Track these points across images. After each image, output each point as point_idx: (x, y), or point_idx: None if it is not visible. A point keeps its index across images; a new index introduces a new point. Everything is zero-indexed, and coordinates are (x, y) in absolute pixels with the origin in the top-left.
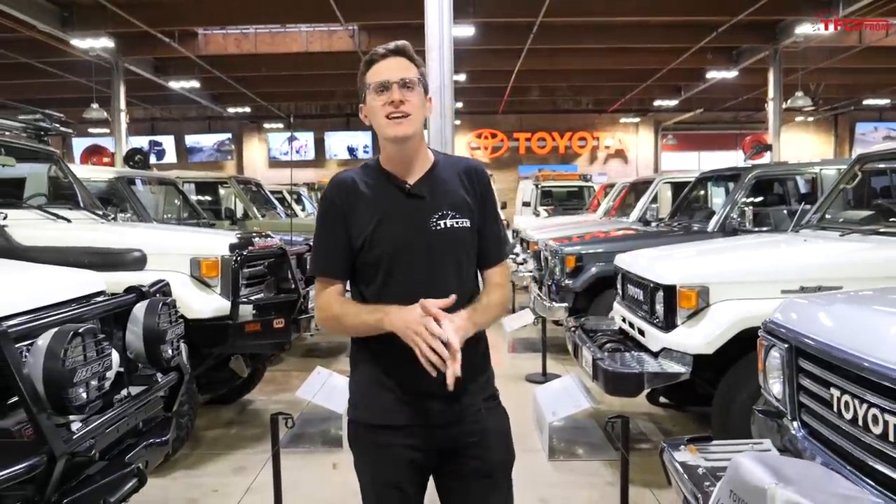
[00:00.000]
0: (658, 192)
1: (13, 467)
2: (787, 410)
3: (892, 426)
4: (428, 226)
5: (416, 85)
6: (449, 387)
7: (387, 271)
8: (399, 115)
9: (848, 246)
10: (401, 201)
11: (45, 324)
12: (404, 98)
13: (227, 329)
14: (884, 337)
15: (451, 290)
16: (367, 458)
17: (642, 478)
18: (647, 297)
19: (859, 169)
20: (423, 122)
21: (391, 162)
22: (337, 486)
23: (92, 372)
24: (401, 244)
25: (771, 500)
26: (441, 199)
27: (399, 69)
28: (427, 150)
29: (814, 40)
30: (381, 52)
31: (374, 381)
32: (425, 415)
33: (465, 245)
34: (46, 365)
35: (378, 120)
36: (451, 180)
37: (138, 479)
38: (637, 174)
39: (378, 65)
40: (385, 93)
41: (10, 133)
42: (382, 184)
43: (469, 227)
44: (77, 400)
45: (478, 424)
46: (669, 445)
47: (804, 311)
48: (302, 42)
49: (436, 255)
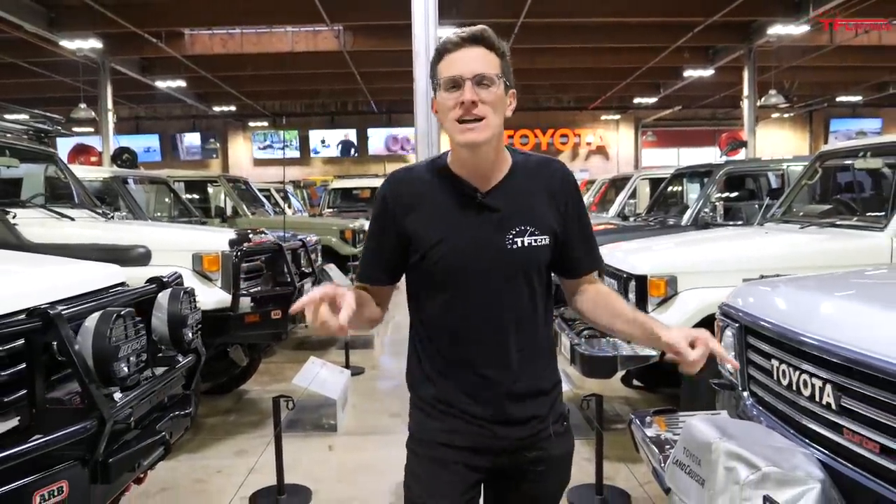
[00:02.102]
0: (636, 187)
1: (72, 428)
2: (739, 382)
3: (818, 389)
4: (503, 244)
5: (494, 82)
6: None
7: (452, 288)
8: (471, 119)
9: (806, 238)
10: (471, 212)
11: (90, 308)
12: (479, 98)
13: (227, 320)
14: (816, 315)
15: (524, 315)
16: (422, 470)
17: (617, 453)
18: (621, 286)
19: (820, 165)
20: (502, 124)
21: (462, 166)
22: (334, 467)
23: (131, 349)
24: (469, 264)
25: (715, 452)
26: (519, 213)
27: (475, 61)
28: (505, 151)
29: (786, 40)
30: (455, 40)
31: (439, 401)
32: (492, 438)
33: (539, 266)
34: (95, 342)
35: (447, 122)
36: (531, 189)
37: (165, 447)
38: (618, 170)
39: (451, 56)
40: (456, 90)
41: (12, 135)
42: (450, 189)
43: (547, 246)
44: (120, 373)
45: (545, 452)
46: (637, 417)
47: (752, 294)
48: (287, 42)
49: (508, 277)
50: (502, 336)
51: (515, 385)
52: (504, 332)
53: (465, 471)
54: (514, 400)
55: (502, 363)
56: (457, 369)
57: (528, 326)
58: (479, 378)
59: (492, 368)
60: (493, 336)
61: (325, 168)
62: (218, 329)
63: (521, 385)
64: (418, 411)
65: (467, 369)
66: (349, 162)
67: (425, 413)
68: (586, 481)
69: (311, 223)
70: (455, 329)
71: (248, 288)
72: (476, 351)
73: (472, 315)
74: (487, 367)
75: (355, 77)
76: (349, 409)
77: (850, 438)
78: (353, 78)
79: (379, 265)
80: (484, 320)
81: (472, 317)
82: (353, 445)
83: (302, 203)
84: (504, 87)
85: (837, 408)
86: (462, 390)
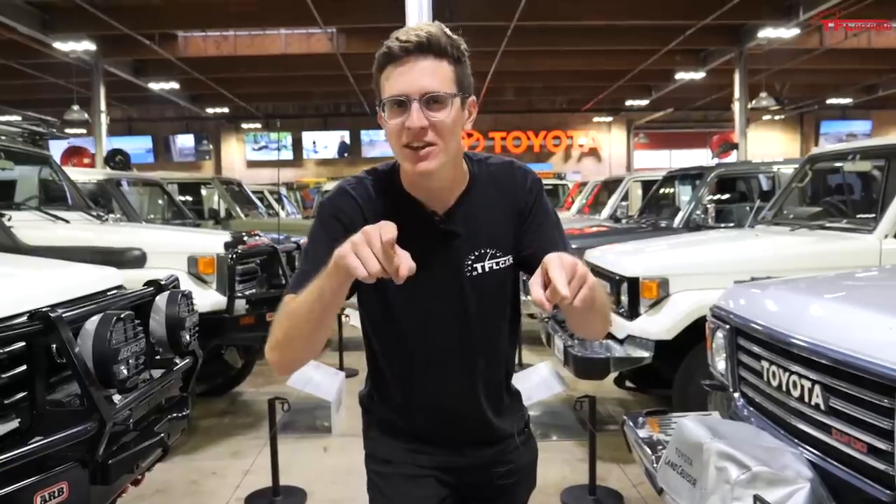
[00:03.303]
0: (628, 190)
1: (72, 429)
2: (730, 383)
3: (807, 390)
4: (461, 271)
5: (447, 102)
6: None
7: (408, 328)
8: (420, 146)
9: (795, 240)
10: (429, 241)
11: (90, 311)
12: (429, 122)
13: (223, 322)
14: (805, 317)
15: (491, 345)
16: (391, 489)
17: (610, 454)
18: (613, 288)
19: (810, 168)
20: (460, 144)
21: (416, 189)
22: (329, 468)
23: (131, 352)
24: (427, 300)
25: (706, 452)
26: (478, 234)
27: (423, 76)
28: (463, 164)
29: (777, 43)
30: (397, 49)
31: (394, 422)
32: (459, 457)
33: (505, 289)
34: (95, 345)
35: (395, 146)
36: (490, 203)
37: (163, 448)
38: (610, 172)
39: (396, 68)
40: (402, 112)
41: (6, 137)
42: (406, 212)
43: (509, 267)
44: (120, 375)
45: (513, 464)
46: (630, 418)
47: (743, 297)
48: (281, 44)
49: (471, 307)
50: (468, 369)
51: (484, 415)
52: (471, 364)
53: (436, 484)
54: (482, 427)
55: (469, 397)
56: (419, 404)
57: (494, 354)
58: (443, 413)
59: (458, 404)
60: (458, 370)
61: (318, 170)
62: (213, 331)
63: (489, 414)
64: (376, 429)
65: (430, 405)
66: (342, 164)
67: (384, 431)
68: (579, 482)
69: (305, 225)
70: (415, 364)
71: (243, 290)
72: (439, 387)
73: (435, 350)
74: (453, 402)
75: (348, 79)
76: (344, 411)
77: (839, 438)
78: (347, 80)
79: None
80: (448, 354)
81: (435, 351)
82: (348, 447)
83: (295, 205)
84: (461, 101)
85: (826, 408)
86: (426, 424)
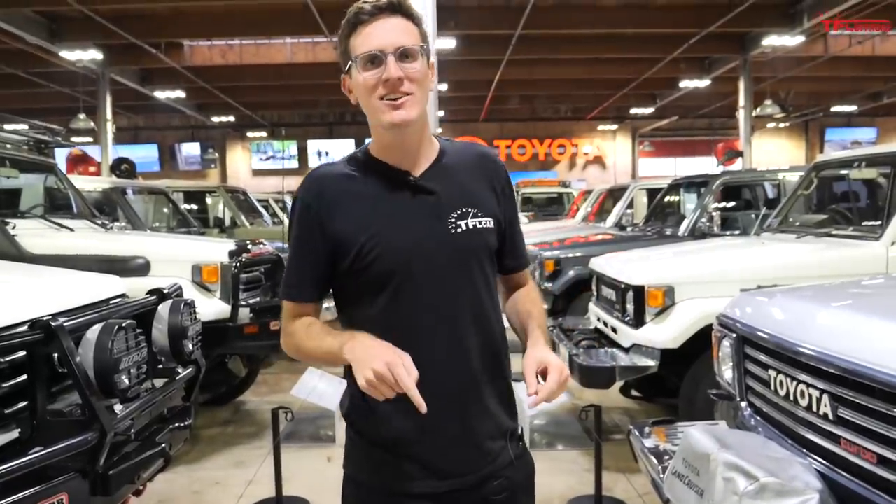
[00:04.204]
0: (633, 197)
1: (73, 440)
2: (737, 393)
3: (815, 399)
4: (445, 228)
5: (418, 55)
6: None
7: (393, 292)
8: (397, 97)
9: (802, 247)
10: (405, 199)
11: (91, 320)
12: (404, 73)
13: (227, 331)
14: (813, 325)
15: (482, 312)
16: None
17: (617, 464)
18: (619, 297)
19: (816, 175)
20: (426, 100)
21: (388, 151)
22: (333, 479)
23: (132, 361)
24: (411, 255)
25: (714, 462)
26: (457, 195)
27: (395, 33)
28: (430, 134)
29: (781, 50)
30: (369, 9)
31: (377, 443)
32: (447, 478)
33: (490, 250)
34: (97, 355)
35: (369, 102)
36: (465, 170)
37: (165, 459)
38: (615, 180)
39: (367, 28)
40: (377, 67)
41: (12, 146)
42: (377, 178)
43: (493, 229)
44: (121, 385)
45: (507, 481)
46: (636, 428)
47: (749, 305)
48: (286, 53)
49: (459, 265)
50: (460, 338)
51: (480, 397)
52: (463, 332)
53: None
54: (479, 416)
55: (463, 371)
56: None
57: (486, 324)
58: (435, 399)
59: (452, 380)
60: (448, 340)
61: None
62: (217, 340)
63: (486, 396)
64: (362, 454)
65: (421, 388)
66: None
67: (371, 458)
68: (585, 492)
69: None
70: (402, 339)
71: (246, 299)
72: (430, 362)
73: (420, 319)
74: (446, 379)
75: None
76: None
77: (848, 449)
78: None
79: (308, 279)
80: (438, 321)
81: (420, 320)
82: None
83: None
84: (426, 60)
85: (835, 418)
86: (417, 422)
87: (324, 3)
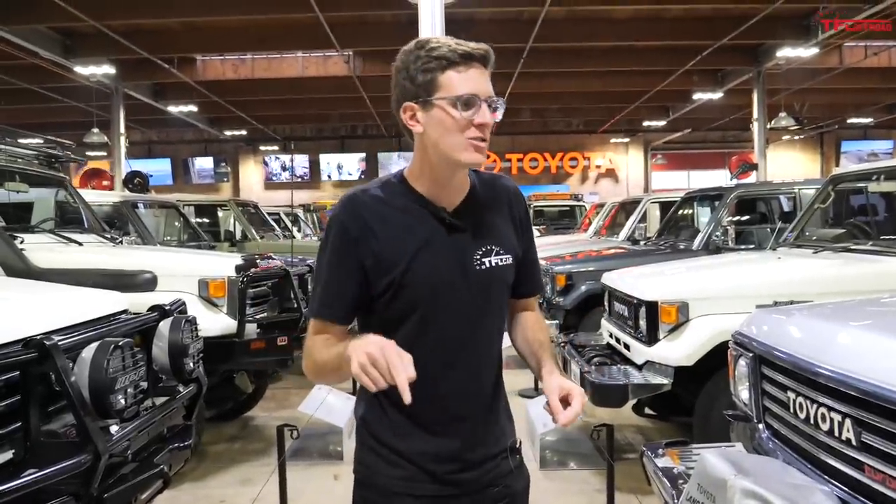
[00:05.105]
0: (646, 211)
1: (67, 462)
2: (754, 414)
3: (836, 423)
4: (471, 264)
5: (499, 106)
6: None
7: (421, 320)
8: (483, 142)
9: (819, 263)
10: (439, 234)
11: (87, 338)
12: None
13: (233, 346)
14: (832, 345)
15: (495, 341)
16: None
17: (629, 484)
18: (631, 313)
19: (832, 189)
20: None
21: (432, 185)
22: (339, 497)
23: (129, 380)
24: (442, 286)
25: (731, 489)
26: (484, 232)
27: (488, 83)
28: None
29: (795, 62)
30: (468, 52)
31: (389, 446)
32: (452, 484)
33: (507, 284)
34: (92, 374)
35: (453, 138)
36: (490, 206)
37: (164, 480)
38: (628, 193)
39: (466, 70)
40: (471, 110)
41: (23, 160)
42: (413, 209)
43: (511, 265)
44: (117, 405)
45: (507, 489)
46: (649, 449)
47: (766, 323)
48: (298, 67)
49: (480, 301)
50: (478, 365)
51: (489, 418)
52: (480, 360)
53: None
54: (486, 434)
55: (479, 394)
56: (426, 407)
57: (496, 349)
58: (450, 417)
59: (470, 403)
60: (468, 368)
61: (335, 192)
62: (223, 356)
63: (493, 416)
64: (371, 454)
65: (438, 407)
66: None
67: (381, 457)
68: None
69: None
70: (426, 362)
71: (254, 314)
72: (450, 387)
73: (443, 347)
74: (464, 402)
75: (365, 101)
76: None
77: (872, 476)
78: (363, 102)
79: (342, 296)
80: (459, 350)
81: (443, 349)
82: None
83: (312, 227)
84: None
85: (858, 443)
86: (429, 432)
87: (335, 18)
